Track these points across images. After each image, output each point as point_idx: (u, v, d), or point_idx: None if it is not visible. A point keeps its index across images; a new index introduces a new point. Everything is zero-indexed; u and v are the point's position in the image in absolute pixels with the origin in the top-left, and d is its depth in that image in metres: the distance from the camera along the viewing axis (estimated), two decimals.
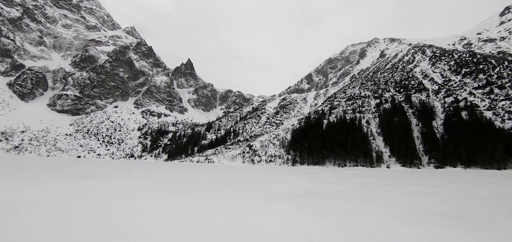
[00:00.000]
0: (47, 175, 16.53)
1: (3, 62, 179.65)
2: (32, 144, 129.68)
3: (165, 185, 13.32)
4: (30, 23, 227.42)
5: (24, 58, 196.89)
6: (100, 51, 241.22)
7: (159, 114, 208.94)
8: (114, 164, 48.38)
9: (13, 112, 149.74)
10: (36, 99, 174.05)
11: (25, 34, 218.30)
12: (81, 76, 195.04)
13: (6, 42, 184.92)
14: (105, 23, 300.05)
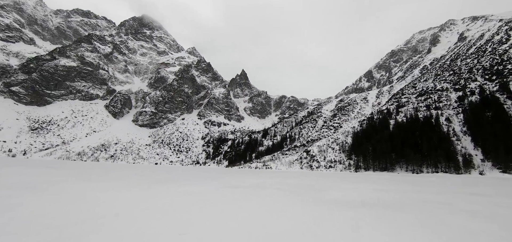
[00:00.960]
0: (149, 179, 19.87)
1: (101, 89, 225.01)
2: (123, 153, 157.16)
3: (230, 190, 14.32)
4: (118, 55, 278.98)
5: (115, 84, 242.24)
6: (169, 72, 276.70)
7: (219, 124, 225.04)
8: (185, 170, 54.35)
9: (109, 128, 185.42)
10: (124, 117, 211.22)
11: (115, 65, 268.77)
12: (155, 95, 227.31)
13: (103, 73, 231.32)
14: (172, 47, 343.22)
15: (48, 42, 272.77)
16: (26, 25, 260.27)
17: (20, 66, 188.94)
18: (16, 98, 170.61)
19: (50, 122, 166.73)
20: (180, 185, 16.51)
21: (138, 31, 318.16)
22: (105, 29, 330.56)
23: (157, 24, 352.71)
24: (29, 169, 26.70)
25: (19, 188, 11.20)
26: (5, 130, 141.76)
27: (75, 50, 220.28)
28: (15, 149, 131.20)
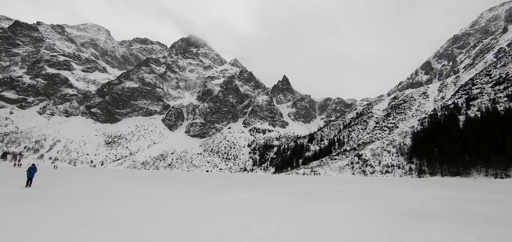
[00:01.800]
0: (207, 187, 21.66)
1: (158, 105, 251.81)
2: (178, 161, 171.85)
3: (278, 196, 14.49)
4: (171, 74, 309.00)
5: (169, 100, 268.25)
6: (214, 85, 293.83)
7: (263, 131, 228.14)
8: (235, 177, 56.55)
9: (166, 140, 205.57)
10: (178, 129, 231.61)
11: (168, 83, 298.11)
12: (204, 107, 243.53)
13: (159, 91, 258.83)
14: (216, 61, 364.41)
15: (116, 69, 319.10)
16: (99, 57, 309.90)
17: (97, 91, 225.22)
18: (94, 118, 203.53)
19: (120, 136, 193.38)
20: (239, 192, 17.35)
21: (186, 50, 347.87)
22: (159, 52, 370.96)
23: (202, 42, 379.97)
24: (109, 177, 31.52)
25: (106, 192, 13.46)
26: (88, 144, 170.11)
27: (137, 73, 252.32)
28: (95, 160, 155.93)
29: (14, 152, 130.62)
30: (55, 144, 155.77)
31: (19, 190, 13.76)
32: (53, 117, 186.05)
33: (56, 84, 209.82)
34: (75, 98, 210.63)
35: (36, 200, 10.95)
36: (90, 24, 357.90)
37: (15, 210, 8.79)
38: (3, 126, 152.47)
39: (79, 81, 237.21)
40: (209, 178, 44.63)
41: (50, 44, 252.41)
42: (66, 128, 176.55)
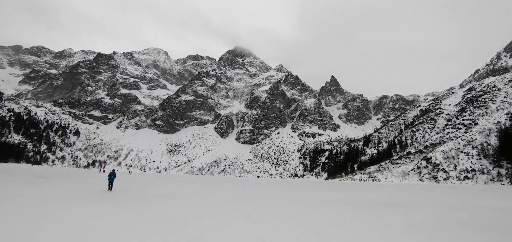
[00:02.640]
0: (262, 195, 22.42)
1: (210, 114, 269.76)
2: (230, 167, 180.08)
3: (334, 204, 13.83)
4: (220, 85, 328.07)
5: (220, 109, 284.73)
6: (261, 91, 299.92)
7: (313, 135, 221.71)
8: (289, 183, 56.25)
9: (218, 147, 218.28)
10: (229, 136, 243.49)
11: (218, 93, 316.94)
12: (252, 114, 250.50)
13: (210, 101, 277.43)
14: (261, 68, 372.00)
15: (174, 85, 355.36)
16: (160, 76, 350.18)
17: (159, 106, 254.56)
18: (158, 129, 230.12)
19: (179, 144, 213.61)
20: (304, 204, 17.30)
21: (233, 61, 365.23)
22: (209, 66, 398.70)
23: (247, 51, 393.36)
24: (172, 182, 35.13)
25: (173, 195, 15.10)
26: (154, 152, 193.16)
27: (191, 87, 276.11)
28: (160, 166, 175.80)
29: (99, 160, 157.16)
30: (129, 153, 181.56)
31: (103, 193, 16.55)
32: (127, 130, 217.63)
33: (128, 102, 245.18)
34: (143, 113, 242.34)
35: (115, 202, 12.84)
36: (152, 48, 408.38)
37: (100, 209, 10.40)
38: (92, 139, 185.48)
39: (146, 98, 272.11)
40: (266, 185, 45.39)
41: (123, 69, 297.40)
42: (137, 139, 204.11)
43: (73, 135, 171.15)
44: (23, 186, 18.31)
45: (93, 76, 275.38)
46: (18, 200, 11.99)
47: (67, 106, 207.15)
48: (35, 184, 20.49)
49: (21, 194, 14.31)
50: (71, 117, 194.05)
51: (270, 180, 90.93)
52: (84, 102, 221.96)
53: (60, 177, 33.37)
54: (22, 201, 11.57)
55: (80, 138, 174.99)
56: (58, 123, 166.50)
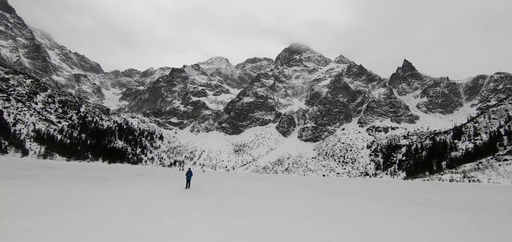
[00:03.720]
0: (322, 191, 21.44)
1: (271, 114, 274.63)
2: (294, 166, 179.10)
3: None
4: (279, 84, 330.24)
5: (280, 108, 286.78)
6: (321, 86, 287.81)
7: (385, 129, 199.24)
8: (360, 183, 52.05)
9: (281, 145, 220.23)
10: (291, 134, 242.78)
11: (278, 92, 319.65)
12: (313, 110, 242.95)
13: (270, 101, 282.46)
14: (320, 62, 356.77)
15: (235, 89, 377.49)
16: (223, 82, 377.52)
17: (224, 109, 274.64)
18: (224, 131, 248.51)
19: (244, 145, 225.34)
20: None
21: (289, 59, 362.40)
22: (267, 67, 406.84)
23: (303, 47, 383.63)
24: (240, 180, 36.97)
25: (240, 193, 15.63)
26: (222, 153, 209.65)
27: (251, 89, 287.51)
28: (228, 165, 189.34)
29: (179, 160, 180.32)
30: (201, 153, 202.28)
31: (183, 190, 18.56)
32: (199, 133, 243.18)
33: (198, 108, 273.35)
34: (210, 117, 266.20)
35: (193, 197, 14.67)
36: (214, 57, 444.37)
37: (181, 202, 12.24)
38: (172, 142, 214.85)
39: (212, 103, 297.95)
40: (338, 184, 43.47)
41: (192, 79, 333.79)
42: (207, 141, 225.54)
43: (158, 139, 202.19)
44: (129, 181, 23.74)
45: (169, 89, 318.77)
46: (127, 191, 16.04)
47: (153, 116, 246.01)
48: (137, 180, 26.34)
49: (129, 185, 19.74)
50: (156, 124, 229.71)
51: (342, 180, 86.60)
52: (165, 111, 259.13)
53: (152, 175, 40.17)
54: (131, 191, 15.86)
55: (164, 142, 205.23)
56: (147, 130, 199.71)
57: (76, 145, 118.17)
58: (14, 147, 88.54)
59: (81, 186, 16.76)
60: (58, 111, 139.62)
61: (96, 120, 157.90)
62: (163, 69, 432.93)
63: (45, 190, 13.43)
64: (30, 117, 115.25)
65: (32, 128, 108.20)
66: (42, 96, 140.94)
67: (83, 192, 13.74)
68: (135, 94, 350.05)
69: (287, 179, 61.84)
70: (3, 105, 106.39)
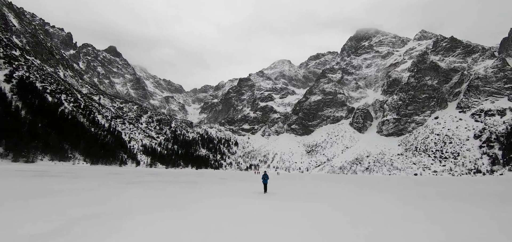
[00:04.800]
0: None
1: (342, 110, 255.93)
2: (376, 165, 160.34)
3: None
4: (348, 77, 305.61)
5: (352, 102, 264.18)
6: (400, 72, 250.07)
7: (501, 111, 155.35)
8: (476, 183, 41.22)
9: (357, 143, 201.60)
10: (368, 130, 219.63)
11: (347, 86, 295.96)
12: (393, 100, 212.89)
13: (340, 96, 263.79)
14: (395, 44, 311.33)
15: (301, 89, 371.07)
16: (288, 83, 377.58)
17: (292, 111, 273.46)
18: (295, 133, 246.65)
19: (316, 145, 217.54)
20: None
21: (357, 47, 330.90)
22: (332, 60, 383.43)
23: (372, 31, 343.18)
24: (314, 182, 34.43)
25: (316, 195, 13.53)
26: (294, 154, 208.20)
27: (317, 87, 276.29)
28: (302, 167, 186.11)
29: (253, 164, 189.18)
30: (274, 156, 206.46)
31: (261, 193, 17.78)
32: (270, 137, 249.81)
33: (267, 113, 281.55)
34: (279, 120, 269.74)
35: (271, 199, 13.80)
36: (276, 61, 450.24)
37: (261, 205, 11.54)
38: (246, 147, 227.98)
39: (279, 106, 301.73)
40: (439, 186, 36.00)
41: (258, 86, 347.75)
42: (278, 144, 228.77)
43: (234, 146, 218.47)
44: (215, 185, 25.81)
45: (239, 98, 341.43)
46: (214, 191, 18.00)
47: (227, 125, 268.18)
48: (220, 183, 28.49)
49: (216, 188, 21.30)
50: (231, 132, 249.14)
51: (445, 180, 72.64)
52: (237, 119, 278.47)
53: (232, 178, 42.82)
54: (216, 193, 17.14)
55: (239, 147, 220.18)
56: (224, 138, 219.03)
57: (171, 154, 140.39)
58: (130, 158, 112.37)
59: (180, 189, 19.51)
60: (156, 128, 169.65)
61: (183, 133, 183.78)
62: (231, 80, 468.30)
63: (157, 192, 16.13)
64: (139, 135, 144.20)
65: (140, 143, 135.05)
66: (144, 118, 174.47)
67: (181, 194, 16.01)
68: (210, 107, 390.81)
69: (370, 179, 55.68)
70: (121, 127, 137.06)
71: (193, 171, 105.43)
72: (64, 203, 10.27)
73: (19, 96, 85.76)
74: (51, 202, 10.51)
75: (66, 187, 16.48)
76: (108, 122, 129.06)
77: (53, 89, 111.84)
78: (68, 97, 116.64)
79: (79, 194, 13.64)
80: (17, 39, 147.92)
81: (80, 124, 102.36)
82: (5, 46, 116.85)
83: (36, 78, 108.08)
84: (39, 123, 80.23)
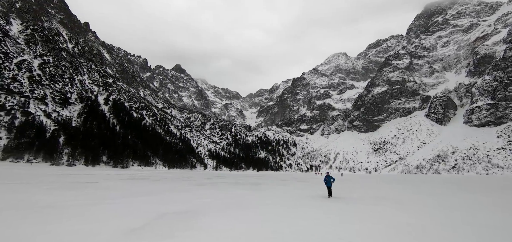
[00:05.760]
0: None
1: (414, 100, 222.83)
2: (466, 162, 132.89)
3: None
4: (418, 61, 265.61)
5: (426, 90, 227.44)
6: (491, 45, 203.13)
7: None
8: None
9: (438, 137, 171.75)
10: (450, 121, 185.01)
11: (418, 72, 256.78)
12: (484, 81, 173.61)
13: (410, 85, 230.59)
14: (480, 13, 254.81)
15: (361, 81, 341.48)
16: (345, 77, 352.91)
17: (352, 106, 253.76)
18: (357, 130, 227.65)
19: (384, 141, 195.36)
20: None
21: (427, 25, 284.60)
22: (396, 45, 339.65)
23: (446, 2, 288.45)
24: (390, 184, 29.56)
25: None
26: (359, 153, 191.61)
27: (380, 77, 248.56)
28: (369, 167, 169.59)
29: (314, 165, 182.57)
30: (336, 156, 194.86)
31: (324, 198, 15.55)
32: (329, 136, 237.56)
33: (325, 111, 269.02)
34: (339, 117, 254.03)
35: (338, 202, 11.59)
36: (330, 56, 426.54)
37: (328, 208, 9.83)
38: (305, 148, 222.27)
39: (338, 103, 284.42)
40: None
41: (313, 84, 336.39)
42: (340, 142, 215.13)
43: (292, 147, 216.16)
44: (277, 186, 25.72)
45: (294, 98, 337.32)
46: (277, 192, 18.04)
47: (284, 126, 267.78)
48: (282, 184, 28.29)
49: (279, 189, 20.91)
50: (288, 133, 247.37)
51: None
52: (293, 120, 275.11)
53: (293, 180, 41.64)
54: (279, 194, 17.12)
55: (297, 148, 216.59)
56: (282, 139, 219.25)
57: (233, 158, 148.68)
58: (199, 162, 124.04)
59: (245, 190, 20.09)
60: (219, 134, 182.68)
61: (243, 137, 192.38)
62: (285, 81, 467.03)
63: (224, 193, 17.06)
64: (204, 141, 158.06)
65: (206, 148, 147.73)
66: (208, 125, 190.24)
67: (247, 195, 16.42)
68: (266, 110, 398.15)
69: (468, 181, 46.21)
70: (189, 135, 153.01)
71: (254, 172, 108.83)
72: (154, 202, 11.73)
73: (114, 115, 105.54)
74: (144, 200, 12.19)
75: (153, 188, 19.05)
76: (179, 130, 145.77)
77: (137, 106, 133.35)
78: (148, 112, 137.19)
79: (164, 193, 15.52)
80: (109, 69, 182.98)
81: (158, 134, 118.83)
82: (102, 76, 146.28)
83: (124, 99, 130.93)
84: (129, 135, 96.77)
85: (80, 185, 19.21)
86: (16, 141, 65.87)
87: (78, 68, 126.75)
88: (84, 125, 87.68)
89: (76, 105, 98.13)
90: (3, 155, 61.84)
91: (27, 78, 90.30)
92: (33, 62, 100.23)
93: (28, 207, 9.28)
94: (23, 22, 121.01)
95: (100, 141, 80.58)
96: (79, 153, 73.82)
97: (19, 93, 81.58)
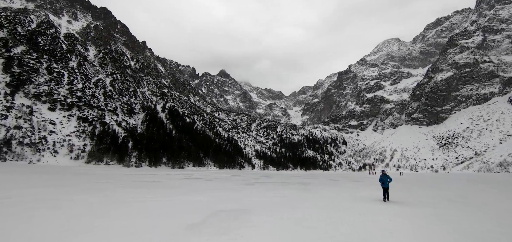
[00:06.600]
0: None
1: (492, 84, 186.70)
2: None
3: None
4: (494, 37, 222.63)
5: (508, 71, 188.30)
6: None
7: None
8: None
9: None
10: None
11: (496, 50, 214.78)
12: None
13: (485, 66, 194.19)
14: None
15: (419, 68, 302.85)
16: (400, 65, 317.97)
17: (410, 97, 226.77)
18: (418, 123, 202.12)
19: (453, 135, 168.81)
20: None
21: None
22: (463, 21, 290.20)
23: None
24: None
25: None
26: (421, 149, 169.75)
27: (444, 61, 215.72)
28: (435, 165, 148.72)
29: (368, 163, 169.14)
30: (393, 153, 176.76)
31: (379, 201, 13.59)
32: (384, 131, 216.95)
33: (376, 104, 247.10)
34: (394, 110, 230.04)
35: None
36: (380, 43, 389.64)
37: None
38: (356, 145, 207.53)
39: (392, 94, 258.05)
40: None
41: (361, 76, 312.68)
42: (397, 138, 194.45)
43: (342, 144, 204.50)
44: (327, 186, 24.65)
45: (341, 93, 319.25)
46: (327, 193, 17.61)
47: (332, 123, 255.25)
48: (333, 185, 27.05)
49: (329, 190, 20.04)
50: (336, 130, 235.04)
51: None
52: (342, 116, 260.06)
53: (344, 179, 39.36)
54: (329, 195, 16.60)
55: (348, 146, 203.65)
56: (329, 137, 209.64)
57: (280, 157, 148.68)
58: (247, 162, 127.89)
59: (293, 190, 20.05)
60: (264, 134, 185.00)
61: (288, 136, 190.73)
62: (330, 76, 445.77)
63: (272, 192, 17.32)
64: (251, 141, 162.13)
65: (253, 149, 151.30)
66: (254, 126, 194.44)
67: (295, 195, 16.44)
68: (311, 107, 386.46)
69: None
70: (236, 136, 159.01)
71: (301, 172, 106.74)
72: (208, 200, 12.57)
73: (170, 121, 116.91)
74: (200, 198, 13.17)
75: (206, 186, 20.50)
76: (227, 132, 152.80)
77: (189, 112, 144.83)
78: (198, 117, 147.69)
79: (216, 191, 16.56)
80: (164, 80, 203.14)
81: (208, 137, 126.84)
82: (159, 87, 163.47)
83: (178, 106, 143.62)
84: (183, 139, 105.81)
85: (150, 184, 21.82)
86: (97, 147, 78.66)
87: (139, 82, 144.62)
88: (146, 131, 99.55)
89: (139, 114, 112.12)
90: (88, 158, 74.54)
91: (102, 94, 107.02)
92: (106, 80, 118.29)
93: (109, 203, 10.99)
94: (97, 48, 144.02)
95: (160, 145, 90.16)
96: (144, 156, 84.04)
97: (97, 107, 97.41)
